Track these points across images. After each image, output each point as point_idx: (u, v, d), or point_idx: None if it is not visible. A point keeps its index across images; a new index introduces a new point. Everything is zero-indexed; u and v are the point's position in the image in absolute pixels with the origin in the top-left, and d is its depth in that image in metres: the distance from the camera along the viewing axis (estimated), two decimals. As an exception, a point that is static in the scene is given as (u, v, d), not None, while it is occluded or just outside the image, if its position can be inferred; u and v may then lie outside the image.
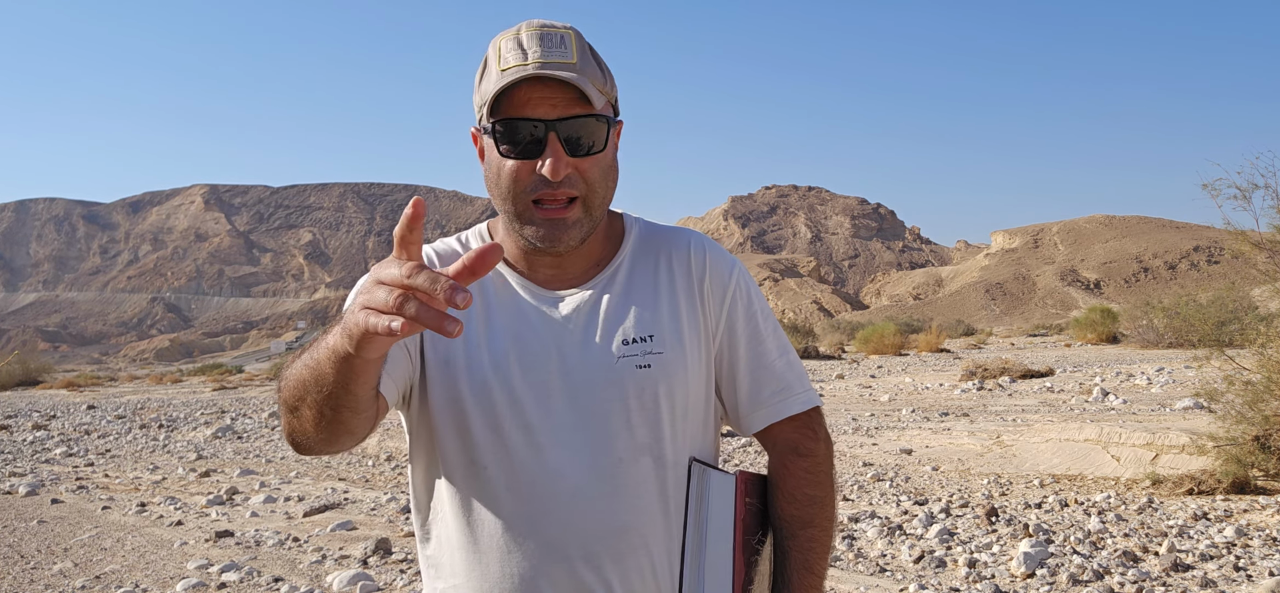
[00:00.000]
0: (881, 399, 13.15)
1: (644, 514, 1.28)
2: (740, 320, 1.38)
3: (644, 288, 1.35)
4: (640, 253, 1.39)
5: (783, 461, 1.39)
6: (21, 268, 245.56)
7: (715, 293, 1.37)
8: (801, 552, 1.35)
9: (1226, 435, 6.04)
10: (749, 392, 1.38)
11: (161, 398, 20.07)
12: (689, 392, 1.32)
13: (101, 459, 10.32)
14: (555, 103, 1.21)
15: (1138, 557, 4.70)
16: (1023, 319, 79.93)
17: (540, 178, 1.23)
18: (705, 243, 1.41)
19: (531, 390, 1.27)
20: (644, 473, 1.28)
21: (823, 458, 1.40)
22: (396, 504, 6.86)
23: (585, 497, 1.25)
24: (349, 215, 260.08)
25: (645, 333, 1.31)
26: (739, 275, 1.40)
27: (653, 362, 1.29)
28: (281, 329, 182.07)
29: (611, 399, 1.27)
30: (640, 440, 1.28)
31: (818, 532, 1.37)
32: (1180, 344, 18.76)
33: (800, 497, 1.37)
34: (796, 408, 1.39)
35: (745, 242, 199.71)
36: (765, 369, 1.39)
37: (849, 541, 5.27)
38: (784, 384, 1.39)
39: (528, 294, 1.33)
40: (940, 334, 27.92)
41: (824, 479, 1.39)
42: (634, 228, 1.42)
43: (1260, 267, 6.57)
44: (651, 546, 1.28)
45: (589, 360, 1.28)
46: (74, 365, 75.41)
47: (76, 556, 5.62)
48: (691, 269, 1.37)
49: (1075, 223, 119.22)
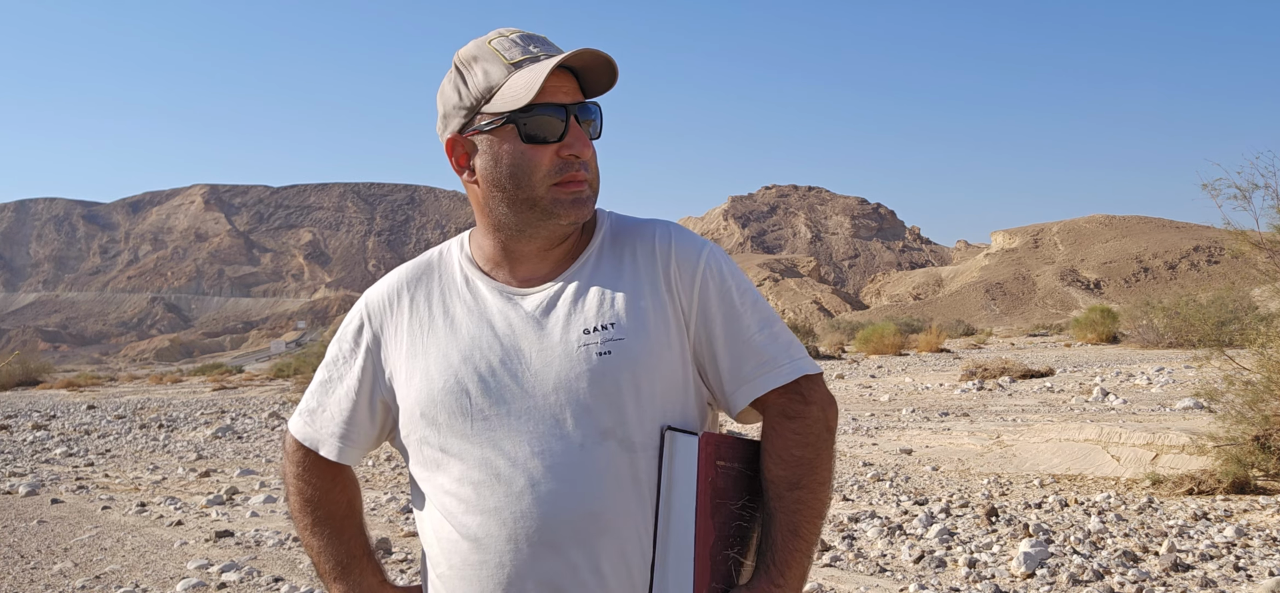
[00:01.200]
0: (881, 399, 13.15)
1: (611, 500, 1.28)
2: (713, 302, 1.37)
3: (608, 279, 1.36)
4: (609, 246, 1.41)
5: (772, 423, 1.38)
6: (21, 268, 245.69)
7: (683, 278, 1.37)
8: (788, 514, 1.33)
9: (1226, 435, 6.04)
10: (730, 370, 1.37)
11: (161, 398, 20.08)
12: (656, 378, 1.32)
13: (101, 459, 10.33)
14: (569, 91, 1.32)
15: (1138, 557, 4.70)
16: (1023, 319, 79.95)
17: (562, 161, 1.31)
18: (671, 230, 1.41)
19: (493, 387, 1.31)
20: (609, 458, 1.28)
21: (815, 421, 1.37)
22: (396, 504, 6.87)
23: (547, 485, 1.27)
24: (349, 215, 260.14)
25: (607, 321, 1.32)
26: (709, 258, 1.39)
27: (614, 348, 1.30)
28: (281, 329, 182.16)
29: (570, 387, 1.29)
30: (603, 425, 1.28)
31: (806, 495, 1.34)
32: (1180, 344, 18.77)
33: (788, 457, 1.35)
34: (781, 380, 1.36)
35: (745, 242, 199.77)
36: (744, 345, 1.37)
37: (849, 541, 5.27)
38: (766, 357, 1.37)
39: (496, 294, 1.38)
40: (940, 334, 27.94)
41: (815, 441, 1.36)
42: (605, 222, 1.45)
43: (1260, 267, 6.57)
44: (622, 530, 1.28)
45: (548, 352, 1.31)
46: (74, 365, 75.46)
47: (76, 556, 5.63)
48: (656, 257, 1.38)
49: (1075, 223, 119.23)
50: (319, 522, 1.48)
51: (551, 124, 1.30)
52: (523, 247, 1.38)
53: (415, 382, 1.36)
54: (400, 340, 1.40)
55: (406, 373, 1.38)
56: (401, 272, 1.47)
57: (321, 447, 1.44)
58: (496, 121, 1.31)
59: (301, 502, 1.48)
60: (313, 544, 1.48)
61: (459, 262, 1.43)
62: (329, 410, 1.44)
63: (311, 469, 1.48)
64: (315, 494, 1.48)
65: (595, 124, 1.36)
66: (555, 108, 1.29)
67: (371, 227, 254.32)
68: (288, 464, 1.51)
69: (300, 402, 1.50)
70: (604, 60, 1.30)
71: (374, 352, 1.42)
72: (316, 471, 1.48)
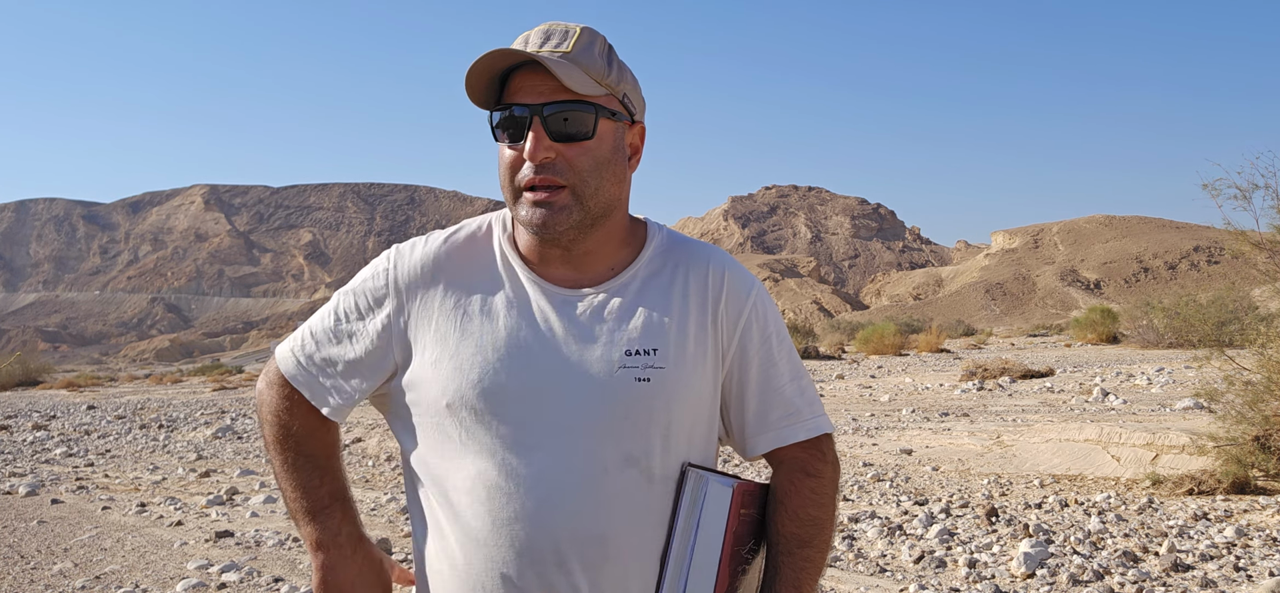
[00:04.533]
0: (881, 399, 13.15)
1: (625, 526, 1.27)
2: (754, 343, 1.37)
3: (657, 300, 1.34)
4: (659, 264, 1.38)
5: (790, 478, 1.38)
6: (21, 268, 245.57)
7: (730, 314, 1.36)
8: (794, 570, 1.34)
9: (1226, 436, 6.04)
10: (756, 414, 1.37)
11: (161, 398, 20.07)
12: (688, 411, 1.31)
13: (101, 459, 10.32)
14: (541, 90, 1.26)
15: (1138, 557, 4.70)
16: (1023, 319, 79.92)
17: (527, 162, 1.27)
18: (726, 262, 1.40)
19: (525, 390, 1.27)
20: (629, 485, 1.27)
21: (829, 481, 1.39)
22: (396, 504, 6.86)
23: (564, 503, 1.25)
24: (349, 215, 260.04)
25: (650, 346, 1.29)
26: (757, 298, 1.39)
27: (652, 376, 1.28)
28: (281, 329, 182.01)
29: (605, 409, 1.26)
30: (629, 453, 1.27)
31: (814, 552, 1.36)
32: (1180, 344, 18.76)
33: (803, 517, 1.36)
34: (803, 435, 1.38)
35: (745, 242, 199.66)
36: (774, 393, 1.38)
37: (849, 541, 5.27)
38: (793, 409, 1.38)
39: (538, 291, 1.33)
40: (940, 334, 27.93)
41: (827, 502, 1.38)
42: (656, 237, 1.41)
43: (1260, 267, 6.57)
44: (628, 557, 1.27)
45: (588, 366, 1.28)
46: (74, 365, 75.39)
47: (76, 556, 5.62)
48: (709, 287, 1.36)
49: (1075, 223, 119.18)
50: (300, 456, 1.39)
51: (511, 126, 1.28)
52: (547, 250, 1.34)
53: (444, 368, 1.29)
54: (430, 317, 1.33)
55: (434, 355, 1.31)
56: (438, 241, 1.38)
57: (317, 400, 1.37)
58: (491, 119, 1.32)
59: (284, 435, 1.39)
60: (289, 480, 1.39)
61: (500, 244, 1.38)
62: (335, 366, 1.36)
63: (299, 404, 1.39)
64: (300, 428, 1.39)
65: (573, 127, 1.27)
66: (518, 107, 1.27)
67: (371, 227, 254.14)
68: (271, 396, 1.41)
69: (294, 337, 1.41)
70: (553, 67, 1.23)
71: (396, 319, 1.34)
72: (304, 406, 1.39)
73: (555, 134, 1.26)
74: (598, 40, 1.30)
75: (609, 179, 1.30)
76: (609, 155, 1.30)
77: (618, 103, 1.32)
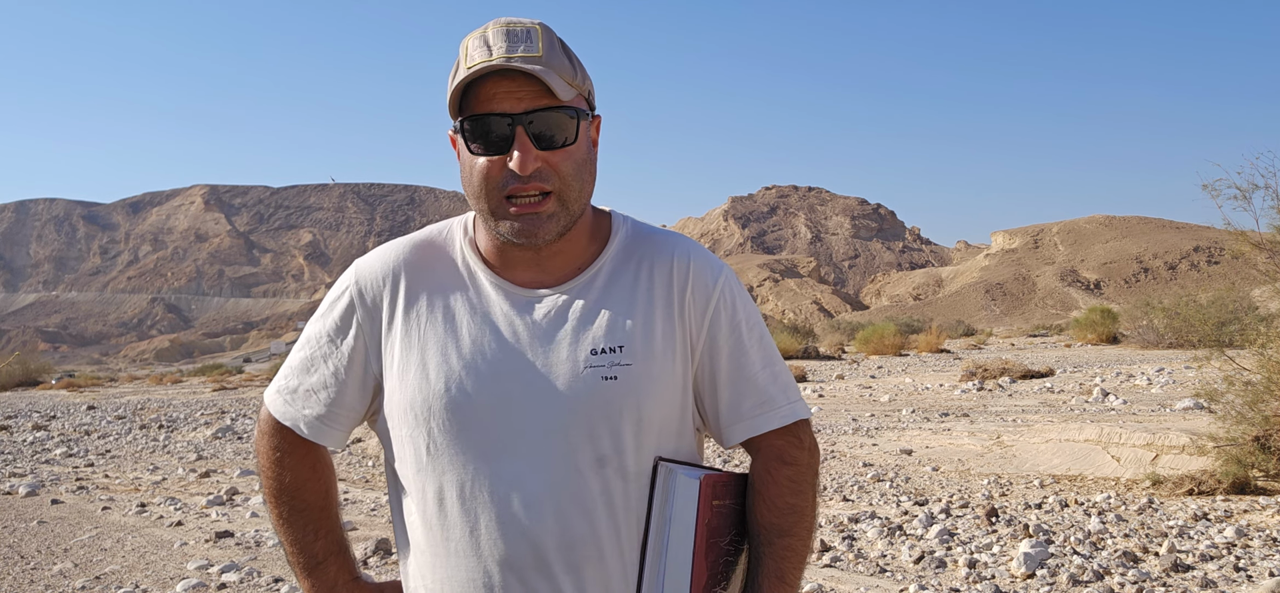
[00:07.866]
0: (881, 400, 13.14)
1: (602, 526, 1.26)
2: (723, 331, 1.34)
3: (621, 296, 1.31)
4: (623, 258, 1.35)
5: (766, 467, 1.36)
6: (21, 268, 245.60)
7: (697, 304, 1.33)
8: (776, 560, 1.32)
9: (1226, 436, 6.04)
10: (729, 404, 1.35)
11: (161, 398, 20.06)
12: (658, 406, 1.29)
13: (101, 460, 10.32)
14: (521, 97, 1.21)
15: (1138, 557, 4.70)
16: (1023, 320, 79.90)
17: (510, 173, 1.22)
18: (691, 251, 1.37)
19: (493, 398, 1.26)
20: (604, 485, 1.26)
21: (806, 467, 1.37)
22: (396, 505, 6.86)
23: (542, 507, 1.24)
24: (349, 216, 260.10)
25: (615, 343, 1.27)
26: (725, 284, 1.36)
27: (619, 374, 1.26)
28: (281, 329, 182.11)
29: (574, 410, 1.25)
30: (602, 452, 1.26)
31: (795, 541, 1.34)
32: (1180, 344, 18.76)
33: (781, 506, 1.34)
34: (777, 422, 1.35)
35: (745, 242, 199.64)
36: (746, 382, 1.35)
37: (849, 541, 5.27)
38: (766, 397, 1.35)
39: (502, 295, 1.31)
40: (940, 335, 27.92)
41: (806, 489, 1.36)
42: (621, 230, 1.39)
43: (1260, 267, 6.57)
44: (608, 557, 1.26)
45: (554, 369, 1.26)
46: (74, 366, 75.39)
47: (76, 556, 5.62)
48: (674, 279, 1.33)
49: (1075, 223, 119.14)
50: (294, 511, 1.39)
51: (490, 135, 1.23)
52: (513, 252, 1.32)
53: (410, 377, 1.28)
54: (393, 325, 1.32)
55: (401, 365, 1.30)
56: (398, 248, 1.37)
57: (311, 434, 1.35)
58: (456, 124, 1.27)
59: (278, 489, 1.39)
60: (285, 535, 1.40)
61: (462, 248, 1.36)
62: (314, 391, 1.35)
63: (289, 454, 1.38)
64: (292, 481, 1.39)
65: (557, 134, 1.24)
66: (497, 117, 1.22)
67: (371, 227, 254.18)
68: (263, 446, 1.41)
69: (277, 379, 1.40)
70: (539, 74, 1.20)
71: (366, 329, 1.34)
72: (294, 455, 1.39)
73: (541, 142, 1.23)
74: (553, 36, 1.26)
75: (588, 179, 1.29)
76: (586, 156, 1.28)
77: (583, 100, 1.29)
